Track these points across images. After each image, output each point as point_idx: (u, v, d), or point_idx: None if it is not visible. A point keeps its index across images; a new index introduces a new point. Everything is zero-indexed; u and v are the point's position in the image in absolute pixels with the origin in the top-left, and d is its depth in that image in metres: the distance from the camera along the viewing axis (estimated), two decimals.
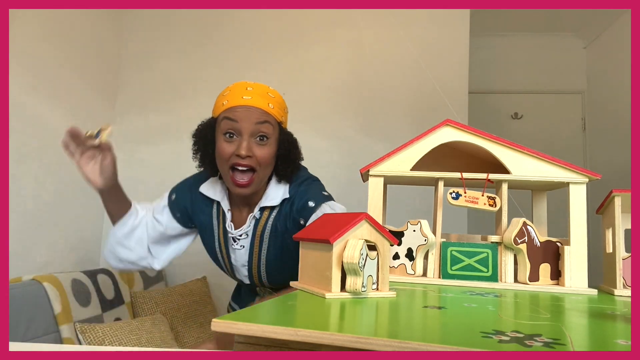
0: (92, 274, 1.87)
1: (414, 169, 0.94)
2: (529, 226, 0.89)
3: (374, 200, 0.94)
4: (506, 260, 0.90)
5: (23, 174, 1.90)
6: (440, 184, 0.95)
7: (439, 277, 0.90)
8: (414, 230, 0.92)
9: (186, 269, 2.46)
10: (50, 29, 2.03)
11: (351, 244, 0.67)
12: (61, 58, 2.10)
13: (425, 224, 0.92)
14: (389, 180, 0.99)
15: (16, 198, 1.86)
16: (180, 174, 1.36)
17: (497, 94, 3.45)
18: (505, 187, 0.93)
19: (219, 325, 0.49)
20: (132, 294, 2.01)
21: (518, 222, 0.89)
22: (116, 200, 1.18)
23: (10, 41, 1.78)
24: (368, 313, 0.58)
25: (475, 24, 2.67)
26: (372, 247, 0.72)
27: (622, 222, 0.89)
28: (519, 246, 0.88)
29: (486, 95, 3.42)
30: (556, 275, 0.89)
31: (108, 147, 1.09)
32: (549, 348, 0.42)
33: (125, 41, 2.60)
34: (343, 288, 0.68)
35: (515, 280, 0.90)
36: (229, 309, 1.53)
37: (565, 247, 0.88)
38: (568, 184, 0.90)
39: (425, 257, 0.92)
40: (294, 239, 0.82)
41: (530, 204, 1.04)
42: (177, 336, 2.00)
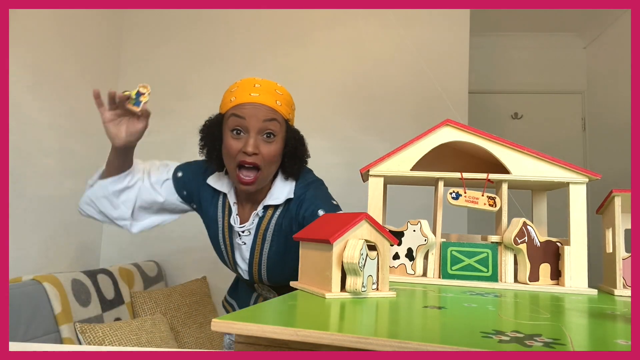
0: (92, 274, 1.87)
1: (414, 169, 0.94)
2: (529, 226, 0.89)
3: (374, 200, 0.94)
4: (506, 260, 0.90)
5: (23, 174, 1.90)
6: (440, 184, 0.95)
7: (439, 277, 0.90)
8: (414, 230, 0.92)
9: (186, 269, 2.47)
10: (50, 29, 2.03)
11: (351, 244, 0.67)
12: (61, 58, 2.10)
13: (425, 224, 0.92)
14: (389, 180, 0.99)
15: (16, 198, 1.86)
16: None
17: (497, 94, 3.45)
18: (505, 187, 0.93)
19: (219, 325, 0.49)
20: (132, 294, 2.01)
21: (518, 222, 0.89)
22: (124, 158, 1.17)
23: (10, 41, 1.77)
24: (368, 313, 0.58)
25: (475, 24, 2.67)
26: (372, 247, 0.72)
27: (622, 222, 0.89)
28: (519, 246, 0.88)
29: (486, 95, 3.42)
30: (556, 275, 0.89)
31: (147, 115, 1.09)
32: (549, 348, 0.42)
33: (125, 41, 2.60)
34: (343, 288, 0.68)
35: (515, 280, 0.90)
36: (224, 303, 1.52)
37: (565, 247, 0.88)
38: (568, 184, 0.90)
39: (425, 257, 0.92)
40: (294, 239, 0.82)
41: (530, 204, 1.04)
42: (177, 336, 2.00)
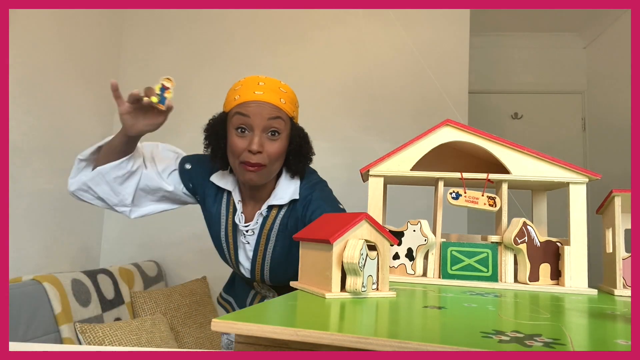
0: (92, 274, 1.87)
1: (414, 169, 0.94)
2: (529, 226, 0.89)
3: (374, 200, 0.94)
4: (506, 260, 0.90)
5: (23, 174, 1.90)
6: (440, 184, 0.95)
7: (439, 277, 0.90)
8: (414, 230, 0.92)
9: (186, 269, 2.47)
10: (50, 29, 2.03)
11: (351, 244, 0.67)
12: (61, 58, 2.10)
13: (425, 224, 0.92)
14: (389, 180, 0.99)
15: (16, 198, 1.87)
16: None
17: (497, 94, 3.45)
18: (505, 187, 0.93)
19: (219, 325, 0.49)
20: (132, 294, 2.01)
21: (518, 222, 0.89)
22: (131, 145, 1.14)
23: (10, 41, 1.77)
24: (368, 313, 0.58)
25: (475, 24, 2.67)
26: (372, 247, 0.72)
27: (622, 222, 0.89)
28: (519, 246, 0.88)
29: (486, 95, 3.42)
30: (556, 275, 0.89)
31: (169, 109, 1.06)
32: (549, 348, 0.42)
33: (125, 41, 2.60)
34: (343, 288, 0.68)
35: (515, 280, 0.90)
36: (219, 300, 1.51)
37: (565, 247, 0.88)
38: (568, 184, 0.90)
39: (425, 257, 0.92)
40: (294, 239, 0.82)
41: (530, 204, 1.04)
42: (177, 336, 2.00)
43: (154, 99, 1.02)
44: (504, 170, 0.93)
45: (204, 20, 2.57)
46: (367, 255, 0.69)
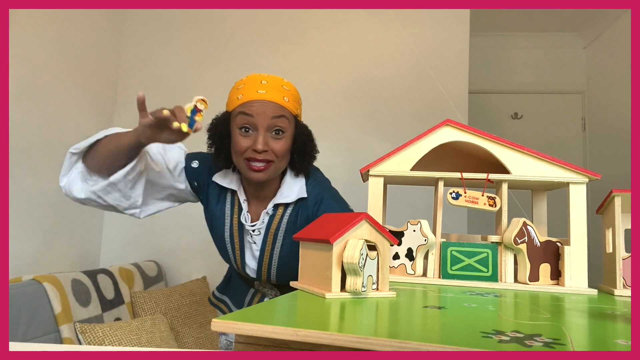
0: (92, 274, 1.87)
1: (414, 169, 0.94)
2: (529, 226, 0.89)
3: (374, 200, 0.94)
4: (506, 260, 0.90)
5: (23, 174, 1.90)
6: (440, 184, 0.95)
7: (439, 277, 0.90)
8: (414, 230, 0.92)
9: (186, 269, 2.47)
10: (49, 29, 2.03)
11: (351, 244, 0.67)
12: (61, 58, 2.10)
13: (425, 224, 0.92)
14: (389, 180, 0.99)
15: (16, 198, 1.86)
16: None
17: (497, 94, 3.45)
18: (505, 187, 0.93)
19: (219, 325, 0.49)
20: (132, 294, 2.01)
21: (518, 222, 0.89)
22: (140, 149, 1.07)
23: (10, 41, 1.77)
24: (368, 313, 0.58)
25: (475, 24, 2.67)
26: (372, 247, 0.72)
27: (622, 222, 0.89)
28: (519, 246, 0.88)
29: (486, 95, 3.42)
30: (556, 275, 0.89)
31: (196, 131, 0.99)
32: (549, 348, 0.42)
33: (125, 41, 2.60)
34: (343, 288, 0.68)
35: (515, 280, 0.90)
36: (211, 300, 1.50)
37: (565, 247, 0.88)
38: (568, 184, 0.90)
39: (425, 257, 0.92)
40: (294, 239, 0.82)
41: (530, 204, 1.04)
42: (177, 336, 2.00)
43: (184, 127, 0.93)
44: (504, 170, 0.93)
45: (204, 20, 2.57)
46: (367, 255, 0.69)
